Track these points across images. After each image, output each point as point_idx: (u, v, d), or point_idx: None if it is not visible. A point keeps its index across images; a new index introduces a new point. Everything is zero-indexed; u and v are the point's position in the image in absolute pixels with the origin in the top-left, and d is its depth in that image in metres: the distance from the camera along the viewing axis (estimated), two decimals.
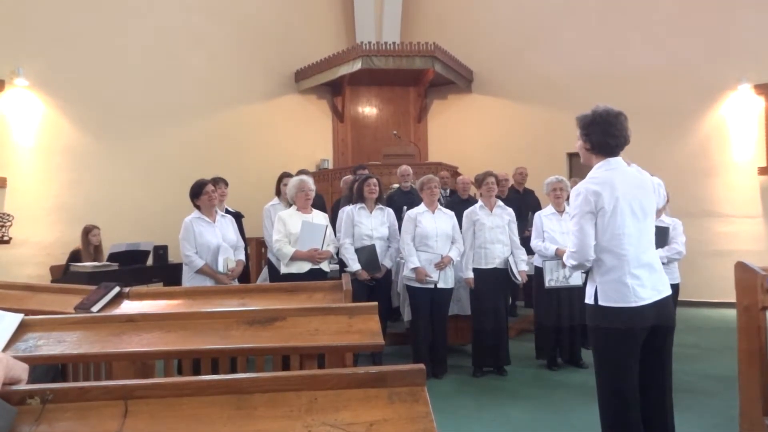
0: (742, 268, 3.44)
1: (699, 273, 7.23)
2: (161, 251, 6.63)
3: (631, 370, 2.43)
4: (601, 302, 2.45)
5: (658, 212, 5.12)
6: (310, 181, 4.59)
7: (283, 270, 4.45)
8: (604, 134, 2.48)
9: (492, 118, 9.58)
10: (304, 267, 4.39)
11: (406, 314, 5.10)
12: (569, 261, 2.57)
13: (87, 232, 6.18)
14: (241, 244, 4.55)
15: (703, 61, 7.81)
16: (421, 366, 1.30)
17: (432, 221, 4.73)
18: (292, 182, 4.61)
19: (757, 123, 7.64)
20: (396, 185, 6.81)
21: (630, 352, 2.42)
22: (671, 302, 2.50)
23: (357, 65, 8.60)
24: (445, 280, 4.71)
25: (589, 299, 2.52)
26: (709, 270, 7.34)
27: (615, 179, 2.46)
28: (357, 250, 4.77)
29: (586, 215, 2.46)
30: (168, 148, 7.86)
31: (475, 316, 4.84)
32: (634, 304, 2.39)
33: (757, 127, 7.65)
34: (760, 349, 3.27)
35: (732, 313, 3.50)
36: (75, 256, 6.13)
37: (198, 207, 4.30)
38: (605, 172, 2.49)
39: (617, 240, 2.42)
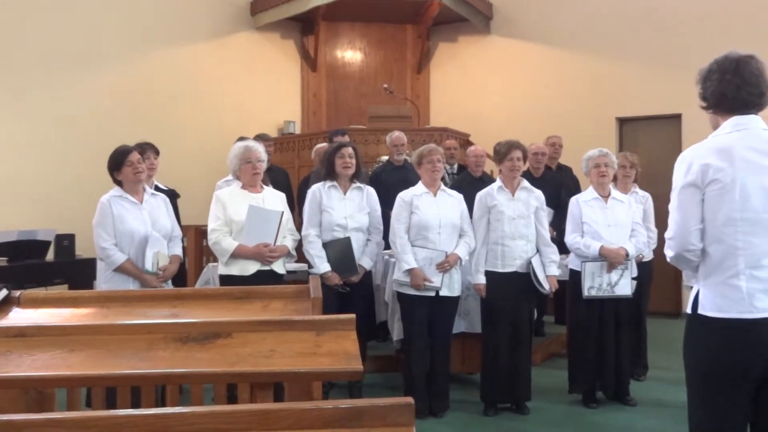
0: None
1: None
2: (66, 242, 6.60)
3: (730, 417, 2.35)
4: (701, 310, 2.39)
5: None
6: (258, 148, 4.59)
7: (222, 271, 4.46)
8: (722, 83, 2.42)
9: (517, 69, 9.57)
10: (249, 268, 4.39)
11: (397, 332, 5.13)
12: (667, 251, 2.52)
13: None
14: (178, 233, 4.57)
15: None
16: (409, 400, 1.32)
17: (433, 207, 4.74)
18: (234, 150, 4.61)
19: None
20: (385, 157, 6.83)
21: (734, 390, 2.32)
22: None
23: None
24: (449, 287, 4.74)
25: (687, 307, 2.48)
26: None
27: (740, 143, 2.36)
28: (325, 245, 4.78)
29: (688, 188, 2.40)
30: (76, 105, 7.78)
31: (487, 335, 4.88)
32: (747, 316, 2.29)
33: None
34: None
35: None
36: None
37: (119, 183, 4.29)
38: (728, 134, 2.42)
39: (731, 226, 2.33)
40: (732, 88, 2.40)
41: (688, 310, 2.46)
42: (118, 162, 4.26)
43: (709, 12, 8.22)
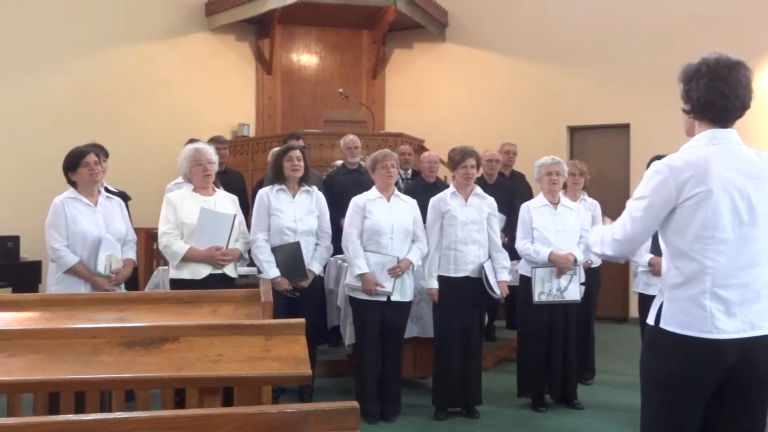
0: None
1: None
2: (11, 244, 6.46)
3: (684, 427, 2.38)
4: (663, 324, 2.39)
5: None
6: (209, 150, 4.56)
7: (173, 274, 4.42)
8: (710, 90, 2.35)
9: (471, 76, 9.66)
10: (200, 271, 4.36)
11: (349, 336, 5.12)
12: (603, 248, 2.51)
13: None
14: (132, 237, 4.53)
15: (748, 13, 8.07)
16: (354, 404, 1.31)
17: (386, 212, 4.75)
18: (184, 152, 4.58)
19: None
20: (340, 161, 6.82)
21: (689, 403, 2.36)
22: None
23: None
24: (401, 291, 4.75)
25: (650, 318, 2.46)
26: None
27: (715, 159, 2.33)
28: (274, 250, 4.74)
29: (659, 204, 2.36)
30: (23, 105, 7.60)
31: (439, 340, 4.90)
32: (708, 336, 2.29)
33: None
34: None
35: None
36: None
37: (73, 184, 4.25)
38: (704, 147, 2.37)
39: (702, 243, 2.31)
40: (720, 98, 2.35)
41: (651, 321, 2.45)
42: (74, 163, 4.21)
43: (658, 25, 8.43)
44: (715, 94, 2.35)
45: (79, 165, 4.19)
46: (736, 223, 2.32)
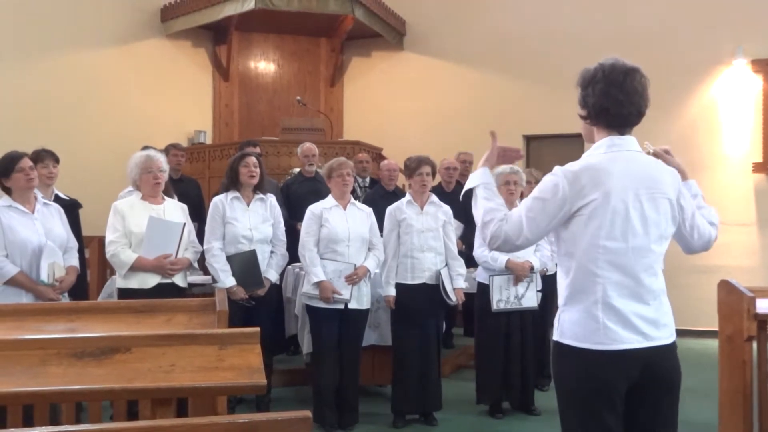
0: (726, 289, 3.71)
1: (679, 294, 7.66)
2: None
3: None
4: (561, 338, 2.35)
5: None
6: (159, 158, 4.52)
7: (120, 284, 4.37)
8: (606, 97, 2.34)
9: (429, 85, 9.73)
10: (149, 281, 4.32)
11: (306, 345, 5.10)
12: (490, 239, 2.37)
13: None
14: (74, 243, 4.40)
15: (692, 29, 8.32)
16: (306, 414, 1.31)
17: (343, 220, 4.75)
18: (134, 159, 4.52)
19: (753, 107, 8.25)
20: (297, 169, 6.80)
21: (599, 415, 2.30)
22: (671, 354, 2.37)
23: (249, 4, 8.48)
24: (359, 299, 4.75)
25: (554, 334, 2.42)
26: (691, 290, 7.83)
27: (614, 167, 2.30)
28: (229, 258, 4.71)
29: (553, 207, 2.30)
30: None
31: (397, 348, 4.91)
32: (601, 347, 2.26)
33: (753, 113, 8.25)
34: (744, 389, 3.54)
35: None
36: None
37: (7, 191, 4.11)
38: (603, 155, 2.35)
39: (594, 253, 2.28)
40: (615, 104, 2.34)
41: (555, 338, 2.41)
42: (7, 168, 4.05)
43: (613, 37, 8.59)
44: (610, 101, 2.34)
45: (12, 170, 4.03)
46: (629, 233, 2.28)
